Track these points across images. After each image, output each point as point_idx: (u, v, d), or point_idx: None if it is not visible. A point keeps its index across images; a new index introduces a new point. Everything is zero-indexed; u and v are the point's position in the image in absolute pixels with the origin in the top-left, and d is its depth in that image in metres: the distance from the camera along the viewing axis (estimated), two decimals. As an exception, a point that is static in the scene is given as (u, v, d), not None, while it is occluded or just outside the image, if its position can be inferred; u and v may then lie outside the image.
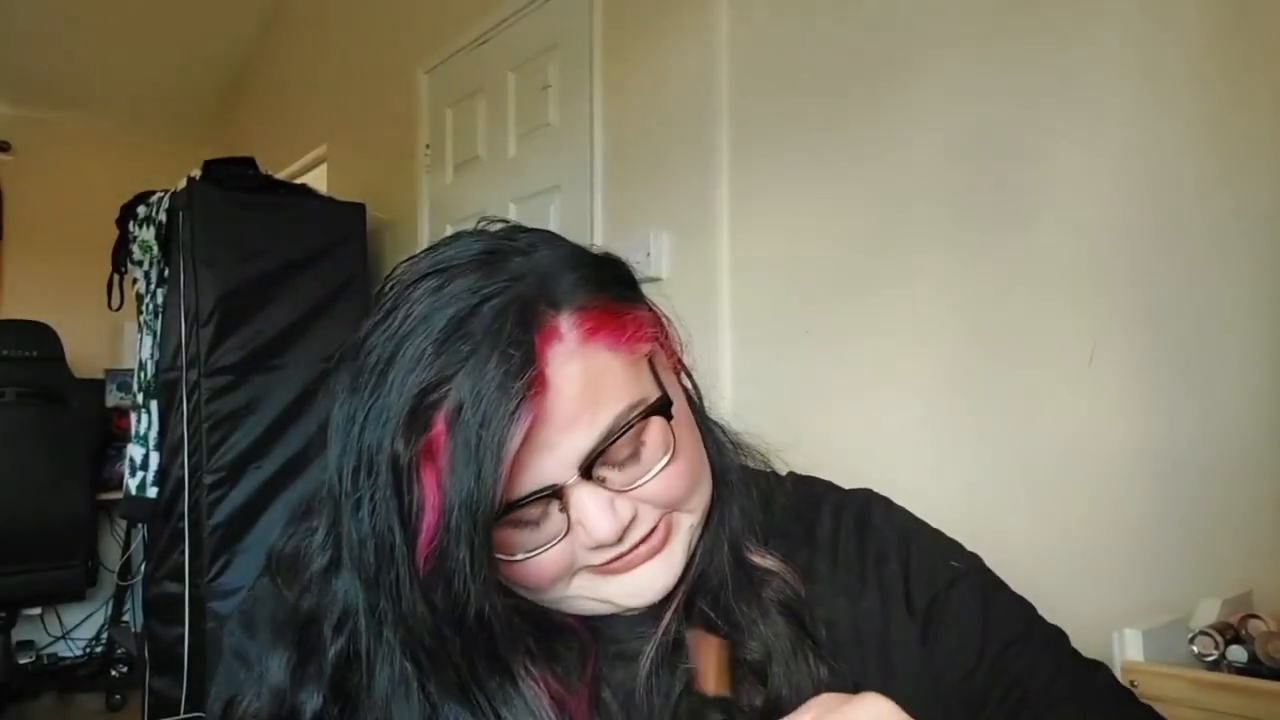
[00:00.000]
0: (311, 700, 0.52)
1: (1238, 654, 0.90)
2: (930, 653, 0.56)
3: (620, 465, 0.51)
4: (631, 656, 0.55)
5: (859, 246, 1.52)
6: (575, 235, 0.56)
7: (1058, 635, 0.59)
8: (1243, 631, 0.92)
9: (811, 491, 0.64)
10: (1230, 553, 1.07)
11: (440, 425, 0.46)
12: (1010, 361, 1.30)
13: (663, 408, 0.52)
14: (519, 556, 0.50)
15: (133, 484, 2.57)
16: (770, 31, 1.69)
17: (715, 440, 0.61)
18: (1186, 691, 0.87)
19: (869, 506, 0.62)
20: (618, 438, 0.49)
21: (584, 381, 0.49)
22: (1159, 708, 0.57)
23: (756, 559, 0.57)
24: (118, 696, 3.38)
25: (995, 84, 1.33)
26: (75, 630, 3.73)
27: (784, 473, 0.66)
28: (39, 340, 3.18)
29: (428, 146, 2.77)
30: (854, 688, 0.49)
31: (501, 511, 0.47)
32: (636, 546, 0.52)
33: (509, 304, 0.48)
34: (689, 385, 0.61)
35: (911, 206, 1.44)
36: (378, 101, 3.10)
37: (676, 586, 0.55)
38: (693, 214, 1.82)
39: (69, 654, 3.71)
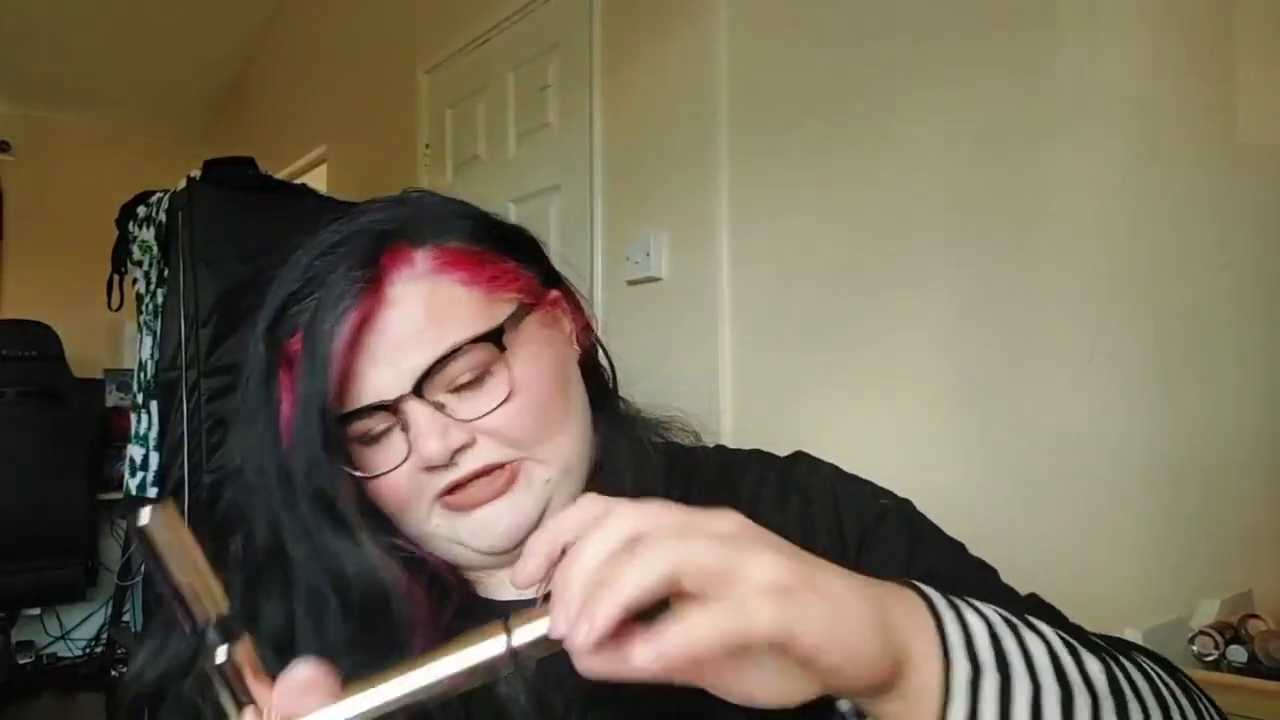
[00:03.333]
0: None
1: (1238, 654, 0.90)
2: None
3: (463, 395, 0.54)
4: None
5: (859, 246, 1.52)
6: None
7: (987, 567, 0.59)
8: (1243, 631, 0.92)
9: (737, 460, 0.64)
10: (1230, 553, 1.07)
11: (299, 335, 0.52)
12: (1010, 361, 1.30)
13: (493, 336, 0.54)
14: (371, 475, 0.54)
15: (133, 484, 2.57)
16: (770, 31, 1.69)
17: (618, 417, 0.63)
18: (1186, 691, 0.87)
19: (794, 463, 0.63)
20: (450, 357, 0.52)
21: (428, 304, 0.53)
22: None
23: None
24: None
25: (997, 83, 1.33)
26: (75, 630, 3.72)
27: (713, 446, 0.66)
28: (39, 340, 3.17)
29: (427, 146, 2.77)
30: None
31: (344, 417, 0.52)
32: (476, 479, 0.54)
33: (373, 232, 0.54)
34: (605, 364, 0.64)
35: (912, 206, 1.44)
36: (378, 101, 3.10)
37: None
38: (692, 214, 1.82)
39: (69, 654, 3.71)
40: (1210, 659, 0.92)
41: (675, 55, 1.88)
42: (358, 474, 0.54)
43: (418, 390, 0.52)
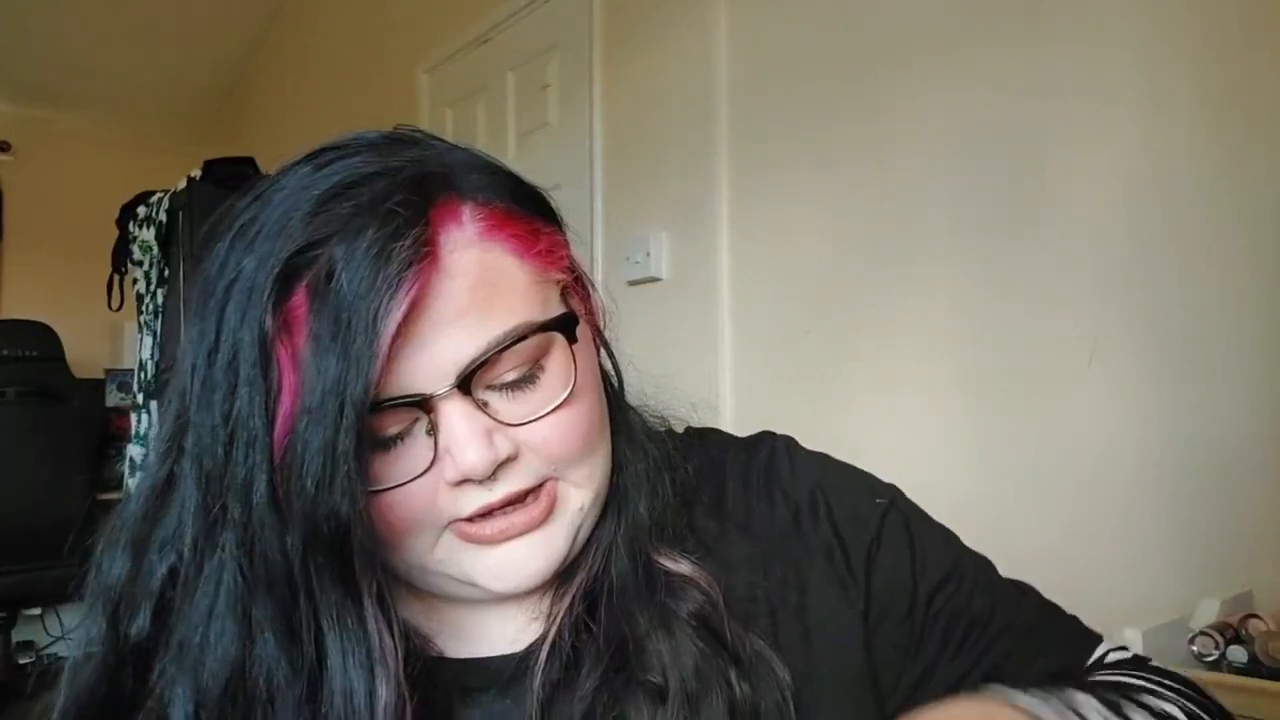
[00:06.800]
0: (137, 620, 0.45)
1: (1238, 654, 0.90)
2: (868, 599, 0.52)
3: (509, 394, 0.44)
4: (517, 683, 0.48)
5: (859, 246, 1.52)
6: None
7: (984, 564, 0.56)
8: (1243, 631, 0.91)
9: (715, 454, 0.58)
10: (1230, 553, 1.07)
11: (300, 295, 0.39)
12: (1010, 361, 1.30)
13: (564, 324, 0.44)
14: (378, 487, 0.42)
15: (132, 484, 2.57)
16: (770, 31, 1.69)
17: (629, 425, 0.53)
18: (1186, 691, 0.87)
19: (773, 460, 0.56)
20: (507, 347, 0.42)
21: (479, 277, 0.41)
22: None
23: (668, 564, 0.49)
24: (118, 697, 3.38)
25: (997, 84, 1.33)
26: (75, 630, 3.72)
27: (680, 430, 0.60)
28: (39, 340, 3.17)
29: (428, 146, 2.77)
30: (779, 665, 0.47)
31: (370, 406, 0.40)
32: (510, 504, 0.44)
33: (407, 176, 0.41)
34: (608, 365, 0.54)
35: (912, 206, 1.44)
36: (378, 101, 3.10)
37: (567, 592, 0.48)
38: (693, 214, 1.82)
39: (69, 654, 3.71)
40: (1210, 659, 0.91)
41: (675, 55, 1.88)
42: (376, 488, 0.42)
43: (463, 385, 0.41)
